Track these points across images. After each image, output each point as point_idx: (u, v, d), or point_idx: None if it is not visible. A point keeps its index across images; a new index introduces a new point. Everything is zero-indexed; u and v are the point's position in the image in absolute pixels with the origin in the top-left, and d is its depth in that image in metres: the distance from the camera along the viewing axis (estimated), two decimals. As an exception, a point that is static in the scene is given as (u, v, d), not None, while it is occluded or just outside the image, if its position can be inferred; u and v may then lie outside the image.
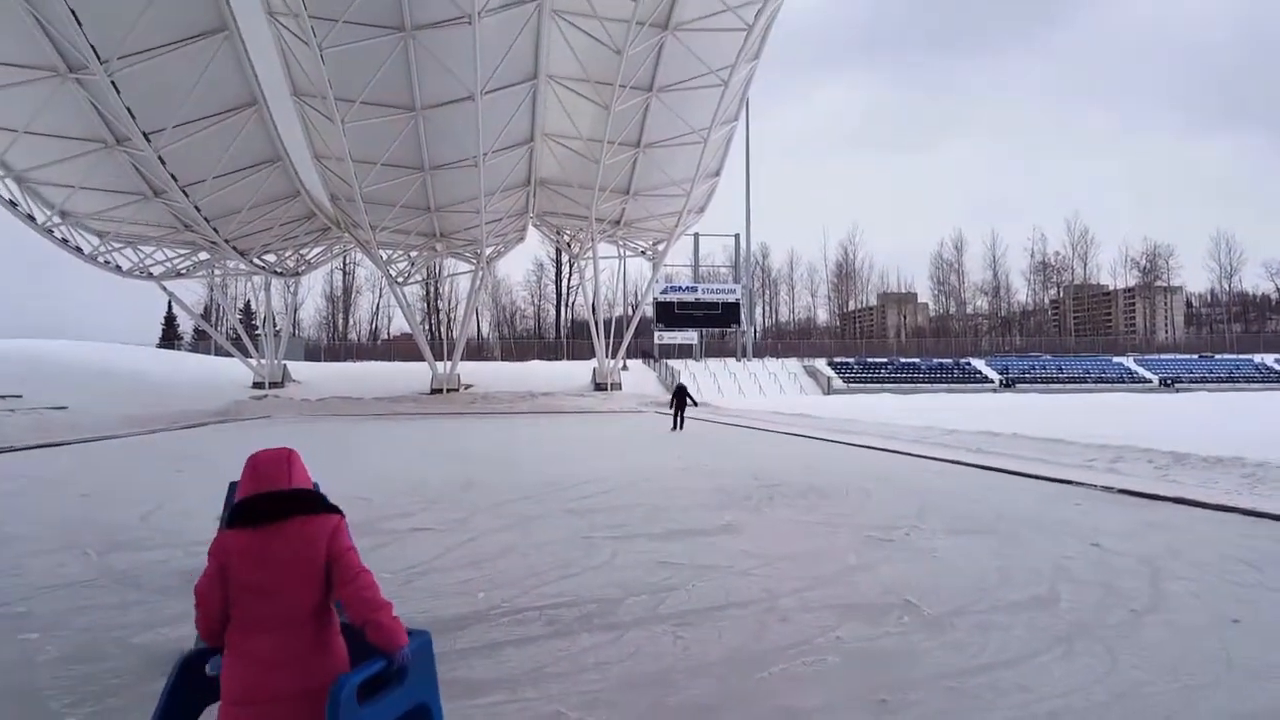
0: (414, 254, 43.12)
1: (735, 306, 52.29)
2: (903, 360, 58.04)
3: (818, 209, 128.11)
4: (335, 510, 2.33)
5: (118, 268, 34.74)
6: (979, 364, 56.67)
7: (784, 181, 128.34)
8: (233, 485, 5.74)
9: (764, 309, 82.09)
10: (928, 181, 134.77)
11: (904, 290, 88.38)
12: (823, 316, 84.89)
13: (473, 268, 43.14)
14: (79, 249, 31.73)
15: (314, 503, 2.31)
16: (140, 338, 60.83)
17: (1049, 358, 60.27)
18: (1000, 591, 4.99)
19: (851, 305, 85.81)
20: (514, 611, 4.66)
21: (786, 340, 69.87)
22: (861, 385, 50.35)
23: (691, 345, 54.63)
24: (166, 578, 5.61)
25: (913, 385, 51.36)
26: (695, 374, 49.08)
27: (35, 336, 45.56)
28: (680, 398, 23.53)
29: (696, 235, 54.95)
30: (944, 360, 57.95)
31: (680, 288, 52.57)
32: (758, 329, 71.59)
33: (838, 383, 50.35)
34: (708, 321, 52.69)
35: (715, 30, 27.30)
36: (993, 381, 52.99)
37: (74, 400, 25.89)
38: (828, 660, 3.81)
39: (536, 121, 32.30)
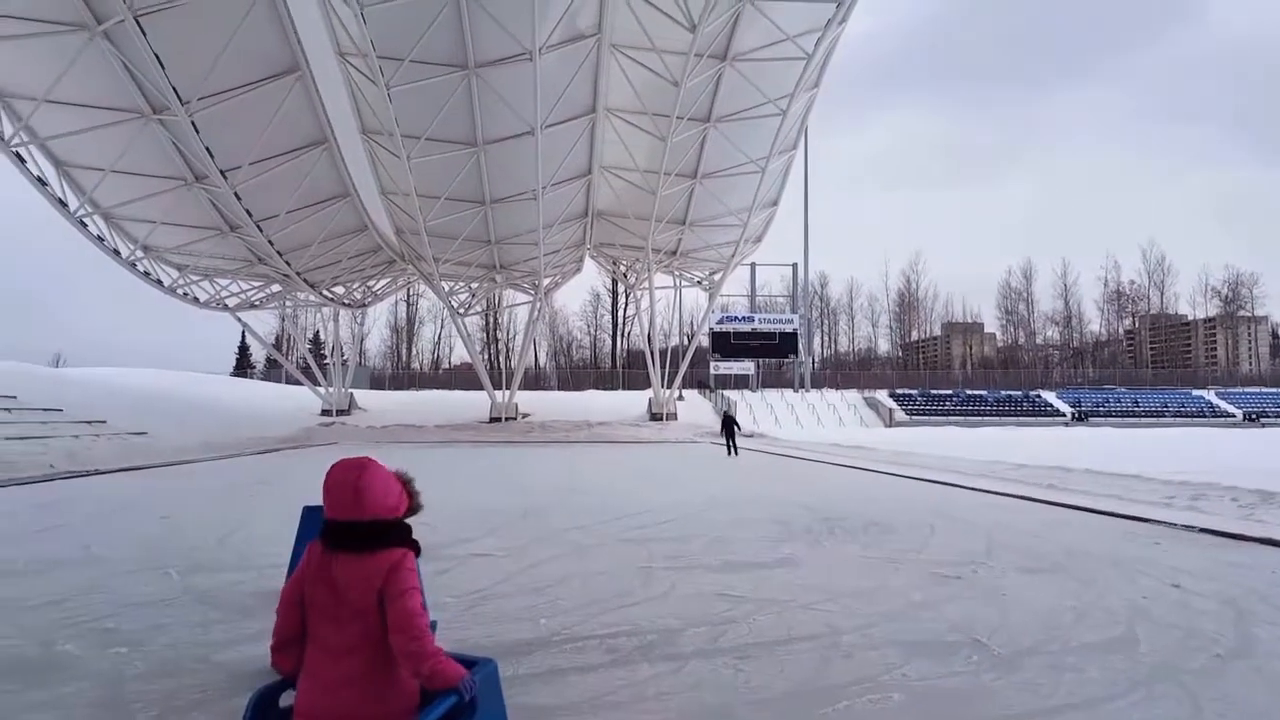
0: (474, 285, 43.99)
1: (793, 336, 51.93)
2: (968, 392, 56.78)
3: (878, 237, 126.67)
4: (403, 542, 2.27)
5: (196, 299, 36.13)
6: (1049, 396, 55.09)
7: (843, 210, 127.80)
8: (306, 509, 5.94)
9: (823, 339, 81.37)
10: (993, 209, 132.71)
11: (970, 320, 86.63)
12: (884, 347, 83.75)
13: (531, 298, 43.79)
14: (159, 281, 33.10)
15: (375, 537, 2.24)
16: (216, 366, 63.13)
17: (1124, 390, 58.31)
18: (1074, 632, 4.83)
19: (914, 335, 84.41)
20: (575, 639, 4.69)
21: (846, 371, 69.05)
22: (925, 418, 49.37)
23: (748, 375, 54.33)
24: (244, 598, 5.81)
25: (979, 418, 50.14)
26: (751, 405, 48.76)
27: (119, 365, 47.63)
28: (729, 426, 26.33)
29: (753, 265, 54.91)
30: (1012, 392, 56.50)
31: (736, 318, 52.45)
32: (816, 359, 70.87)
33: (900, 415, 49.44)
34: (764, 352, 52.38)
35: (774, 60, 27.43)
36: (1064, 415, 51.44)
37: (154, 426, 26.93)
38: (894, 698, 3.73)
39: (594, 154, 32.81)
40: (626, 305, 73.52)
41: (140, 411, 28.55)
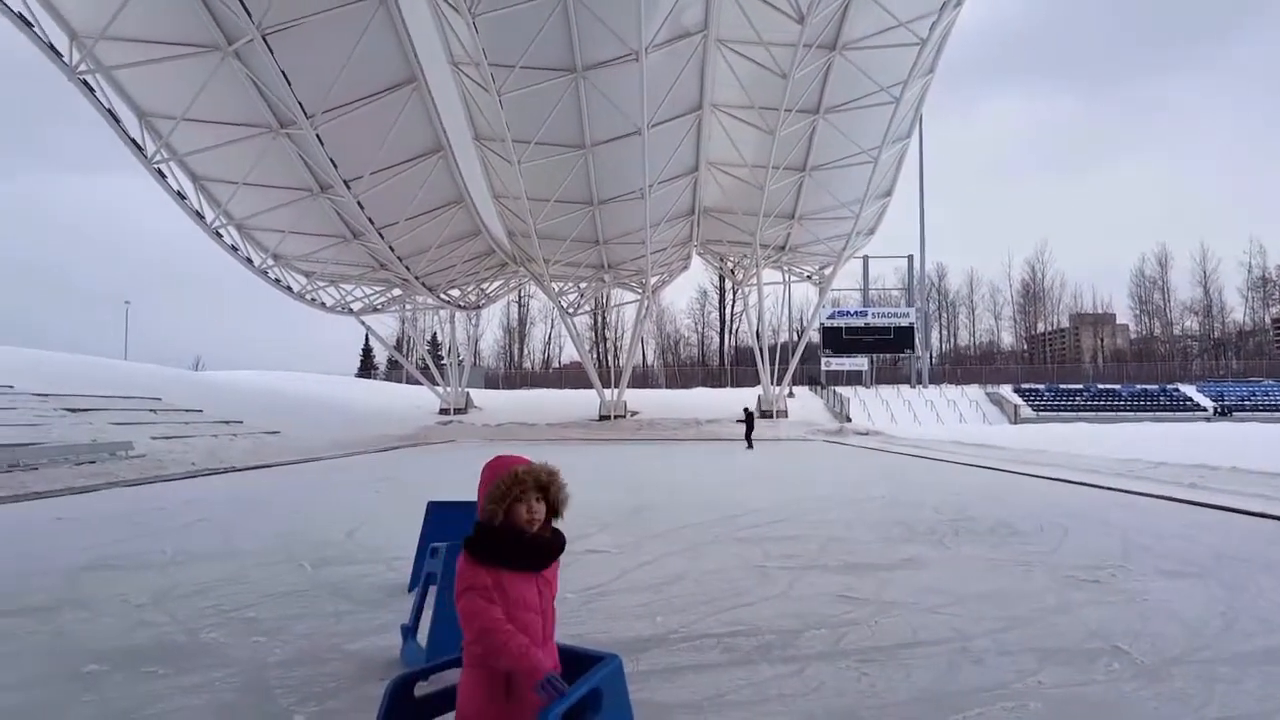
0: (583, 285, 44.62)
1: (909, 330, 50.38)
2: (1100, 387, 53.70)
3: (1000, 226, 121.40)
4: (464, 541, 2.30)
5: (323, 304, 38.05)
6: (1189, 390, 51.52)
7: (962, 199, 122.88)
8: (431, 505, 6.14)
9: (941, 333, 78.61)
10: (1123, 194, 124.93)
11: (1100, 310, 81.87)
12: (1008, 340, 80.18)
13: (638, 297, 44.06)
14: (289, 288, 35.01)
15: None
16: (342, 368, 66.43)
17: (1272, 383, 53.84)
18: (1225, 641, 4.49)
19: (1040, 328, 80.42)
20: (692, 637, 4.66)
21: (967, 366, 66.45)
22: (1053, 414, 47.00)
23: (861, 371, 53.04)
24: (372, 591, 6.04)
25: (1112, 414, 47.37)
26: (865, 401, 47.59)
27: (253, 368, 50.78)
28: (749, 422, 30.09)
29: (866, 258, 53.62)
30: (1148, 386, 53.12)
31: (849, 312, 51.31)
32: (934, 354, 68.54)
33: (1026, 411, 47.24)
34: (879, 347, 51.04)
35: (886, 47, 26.65)
36: (1205, 410, 48.00)
37: (286, 426, 28.55)
38: (1029, 706, 3.56)
39: (701, 151, 32.71)
40: (734, 302, 72.99)
41: (273, 412, 30.31)
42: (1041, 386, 53.31)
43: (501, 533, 2.28)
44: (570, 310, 45.30)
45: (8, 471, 14.61)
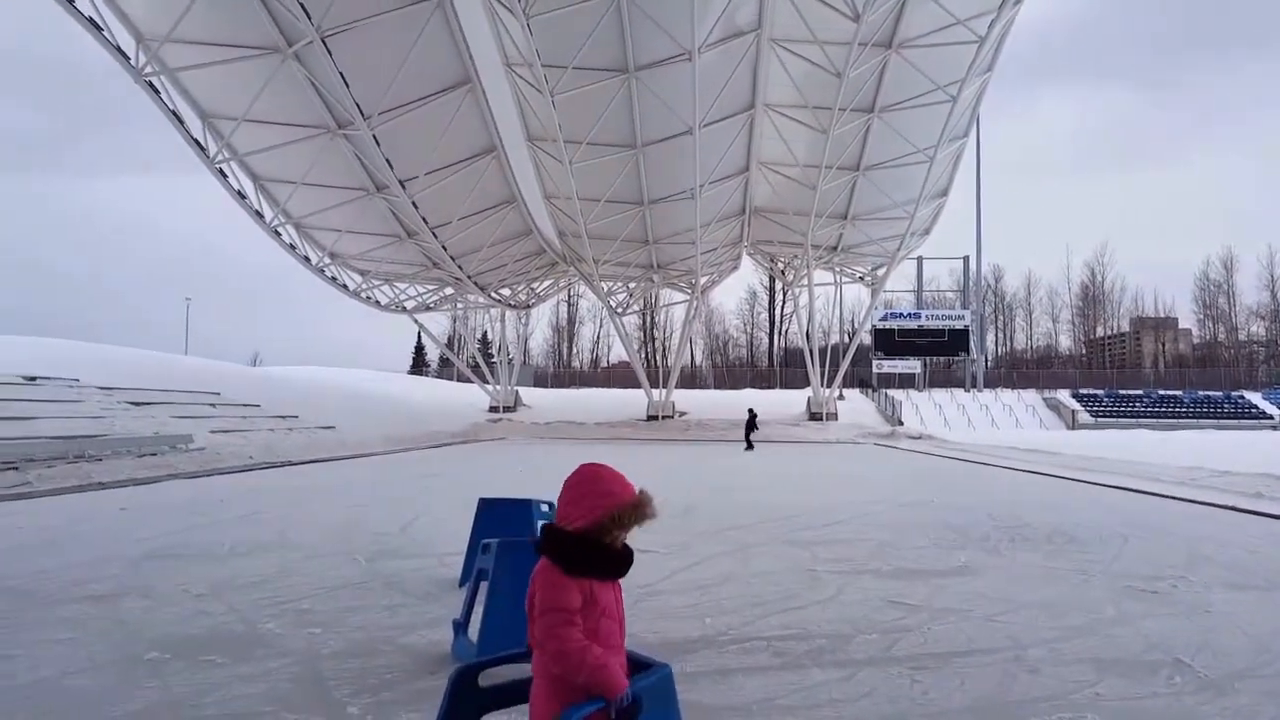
0: (632, 285, 44.72)
1: (964, 333, 49.47)
2: (1161, 393, 52.08)
3: (1059, 227, 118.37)
4: (549, 550, 2.23)
5: (377, 303, 38.74)
6: (1254, 397, 49.68)
7: (1020, 199, 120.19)
8: (482, 501, 6.20)
9: (997, 336, 77.05)
10: (1185, 194, 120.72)
11: (1162, 314, 79.34)
12: (1065, 344, 78.21)
13: (688, 297, 43.99)
14: (345, 286, 35.72)
15: (543, 542, 2.26)
16: (394, 365, 67.63)
17: (1344, 391, 51.68)
18: (1293, 655, 4.31)
19: (1100, 331, 78.28)
20: (741, 639, 4.63)
21: (1023, 370, 64.94)
22: (1112, 420, 45.74)
23: (914, 374, 52.24)
24: (426, 585, 6.12)
25: (1174, 420, 45.91)
26: (918, 405, 46.85)
27: (309, 364, 51.94)
28: (752, 422, 30.08)
29: (920, 259, 52.78)
30: (1211, 393, 51.34)
31: (902, 314, 50.58)
32: (989, 357, 67.18)
33: (1084, 416, 46.04)
34: (932, 349, 50.19)
35: (943, 45, 26.20)
36: (1271, 418, 46.27)
37: (340, 421, 29.11)
38: (1087, 718, 3.48)
39: (752, 150, 32.54)
40: (784, 303, 72.39)
41: (328, 407, 30.92)
42: (1100, 392, 51.91)
43: (593, 545, 2.23)
44: (619, 310, 45.43)
45: (73, 462, 15.14)
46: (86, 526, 9.20)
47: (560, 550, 2.21)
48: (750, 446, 28.64)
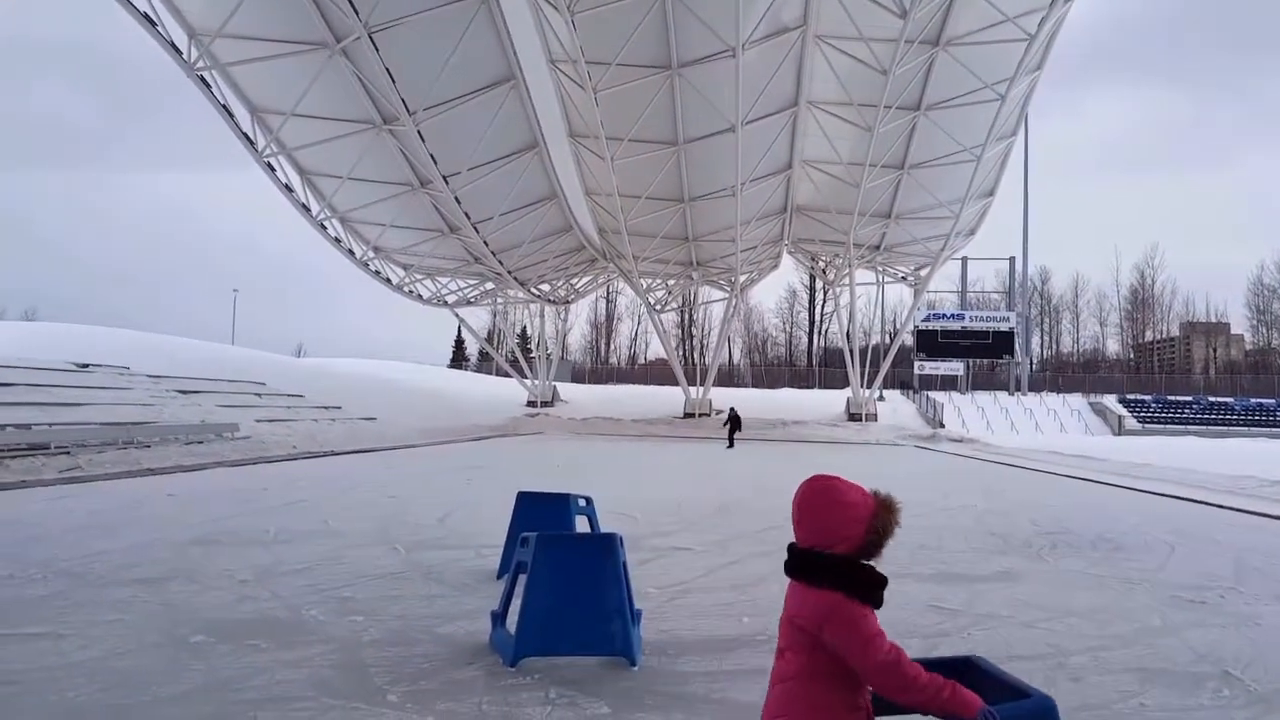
0: (671, 282, 44.67)
1: (1008, 336, 48.56)
2: (1211, 399, 50.66)
3: (1108, 229, 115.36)
4: (840, 584, 1.98)
5: (419, 296, 39.16)
6: (1311, 406, 48.10)
7: (1068, 200, 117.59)
8: (520, 495, 6.26)
9: (1042, 338, 75.52)
10: (1240, 198, 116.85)
11: (1214, 319, 77.13)
12: (1113, 348, 76.40)
13: (726, 295, 43.82)
14: (388, 280, 36.17)
15: (806, 569, 2.05)
16: (435, 359, 68.41)
17: (1405, 400, 49.82)
18: (1350, 672, 4.17)
19: (1149, 336, 76.36)
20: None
21: (1069, 374, 63.53)
22: (1160, 426, 44.58)
23: (956, 376, 51.46)
24: (463, 575, 6.19)
25: (1224, 428, 44.61)
26: (960, 407, 46.15)
27: (352, 356, 52.73)
28: (733, 422, 29.81)
29: (965, 259, 51.89)
30: (1264, 400, 49.81)
31: (945, 315, 49.81)
32: (1034, 360, 65.92)
33: (1131, 422, 44.97)
34: (975, 351, 49.34)
35: (992, 43, 25.75)
36: (1330, 427, 44.75)
37: (382, 412, 29.51)
38: (1130, 728, 3.39)
39: (795, 148, 32.26)
40: (825, 302, 71.75)
41: (370, 399, 31.37)
42: (1148, 397, 50.67)
43: (875, 572, 2.03)
44: (657, 307, 45.41)
45: (123, 448, 15.53)
46: (135, 511, 9.44)
47: (852, 579, 1.98)
48: (731, 445, 28.29)
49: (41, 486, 11.48)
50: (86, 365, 21.41)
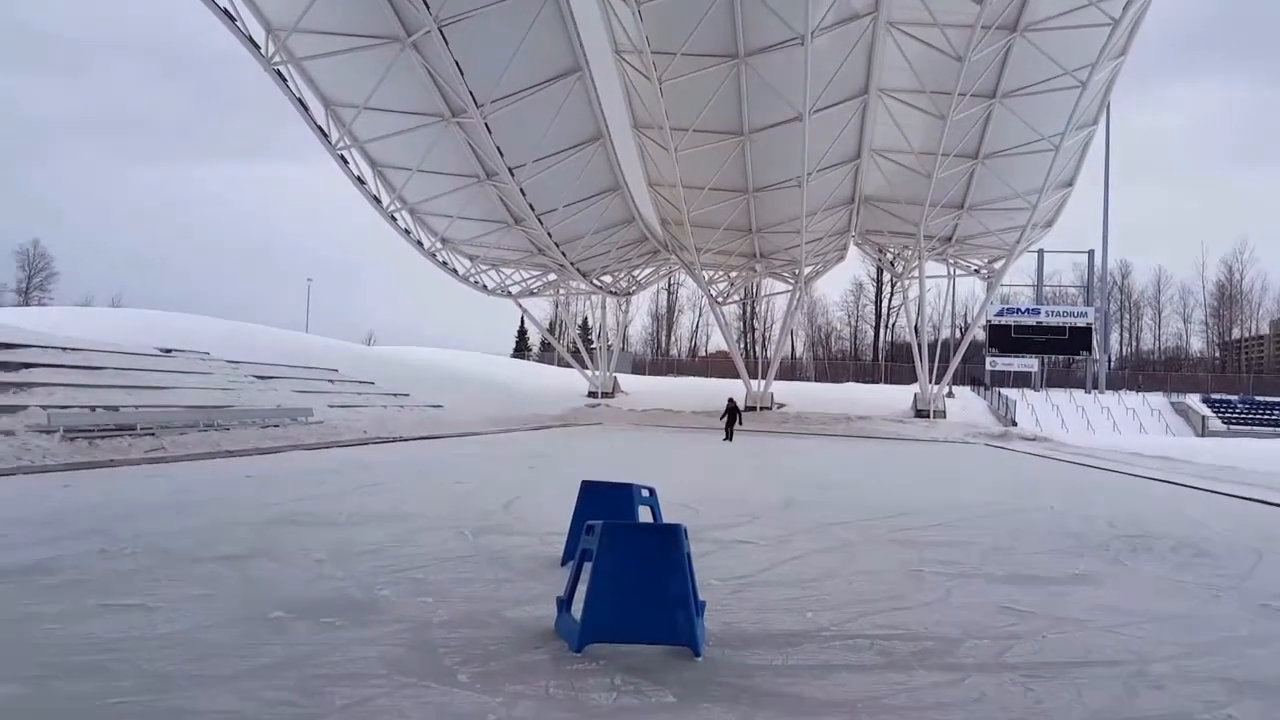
0: (734, 274, 44.39)
1: (1086, 332, 46.96)
2: (1303, 400, 48.23)
3: (1193, 222, 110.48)
4: None
5: (484, 287, 39.78)
6: None
7: (1152, 191, 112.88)
8: (584, 484, 6.31)
9: (1122, 335, 72.95)
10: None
11: (1307, 317, 73.42)
12: (1197, 346, 73.37)
13: (790, 287, 43.35)
14: (455, 271, 36.81)
15: None
16: (498, 348, 69.37)
17: None
18: None
19: (1236, 333, 73.06)
20: (845, 636, 4.53)
21: (1149, 372, 61.15)
22: (1246, 427, 42.63)
23: (1030, 373, 49.97)
24: (528, 561, 6.27)
25: (1318, 431, 42.44)
26: (1033, 405, 44.86)
27: (419, 345, 53.83)
28: (732, 414, 27.88)
29: (1041, 252, 50.26)
30: (1362, 402, 47.22)
31: (1019, 309, 48.37)
32: (1113, 358, 63.63)
33: (1215, 423, 43.10)
34: (1051, 347, 47.84)
35: (1073, 28, 24.86)
36: None
37: (448, 400, 30.07)
38: (1219, 740, 3.26)
39: (864, 137, 31.71)
40: (892, 295, 70.47)
41: (437, 387, 32.00)
42: (1234, 398, 48.48)
43: None
44: (719, 299, 45.19)
45: (204, 430, 16.15)
46: (216, 491, 9.84)
47: None
48: (729, 438, 26.76)
49: (129, 465, 12.02)
50: (170, 351, 22.29)
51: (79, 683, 3.34)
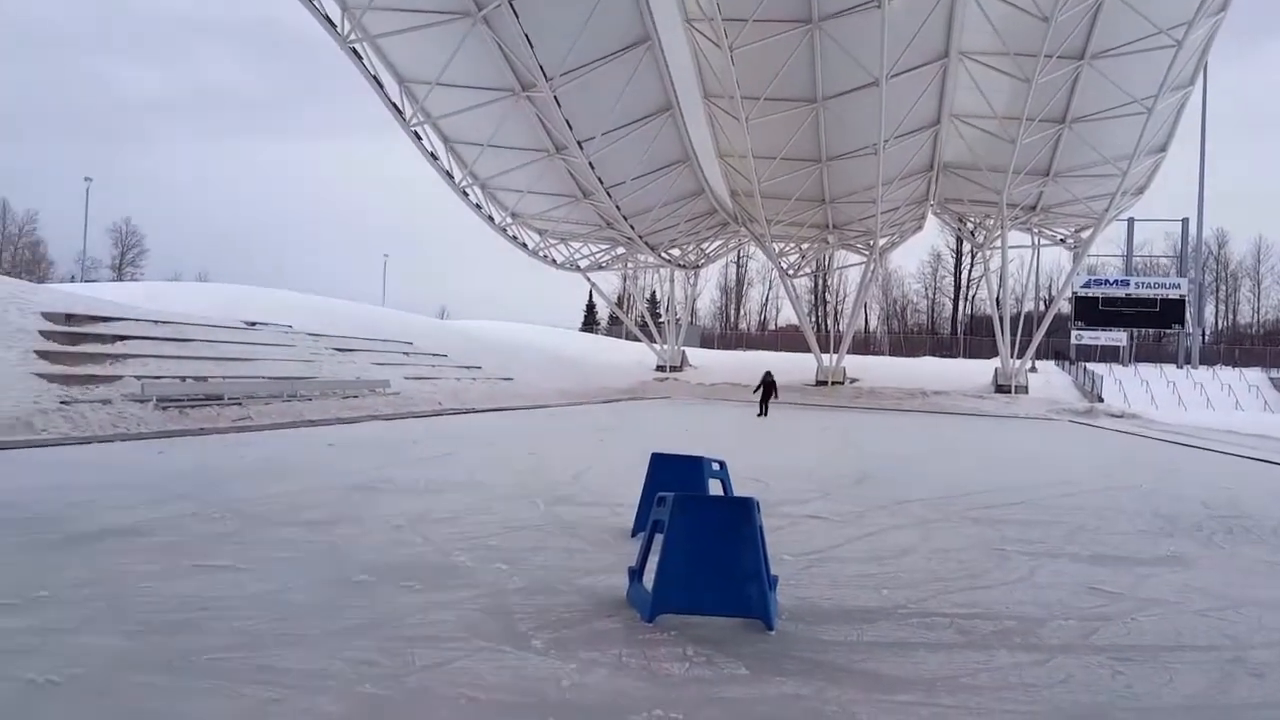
0: (805, 246, 43.65)
1: (1179, 304, 44.74)
2: None
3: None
4: None
5: (553, 261, 40.06)
6: None
7: (1251, 156, 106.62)
8: (654, 456, 6.30)
9: (1217, 308, 69.36)
10: None
11: None
12: (1299, 318, 69.32)
13: (865, 259, 42.44)
14: (524, 245, 37.15)
15: None
16: (567, 322, 69.92)
17: None
18: None
19: (1341, 305, 68.85)
20: (922, 614, 4.45)
21: (1246, 346, 58.03)
22: (1355, 405, 40.18)
23: (1118, 347, 47.96)
24: (599, 531, 6.34)
25: None
26: (1121, 380, 43.09)
27: (491, 318, 54.61)
28: (768, 387, 25.94)
29: (1131, 220, 47.94)
30: None
31: (1107, 281, 46.36)
32: (1207, 331, 60.62)
33: (1319, 400, 40.77)
34: (1140, 321, 45.74)
35: (1169, -17, 23.54)
36: None
37: (518, 373, 30.46)
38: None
39: (944, 102, 30.62)
40: (972, 266, 68.30)
41: (508, 359, 32.40)
42: (1341, 373, 45.67)
43: None
44: (790, 272, 44.54)
45: (287, 401, 16.72)
46: (300, 459, 10.20)
47: None
48: (764, 413, 24.99)
49: (217, 434, 12.57)
50: (254, 324, 23.06)
51: (174, 638, 3.51)
